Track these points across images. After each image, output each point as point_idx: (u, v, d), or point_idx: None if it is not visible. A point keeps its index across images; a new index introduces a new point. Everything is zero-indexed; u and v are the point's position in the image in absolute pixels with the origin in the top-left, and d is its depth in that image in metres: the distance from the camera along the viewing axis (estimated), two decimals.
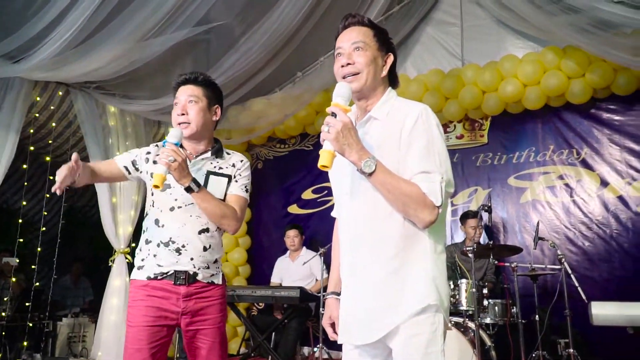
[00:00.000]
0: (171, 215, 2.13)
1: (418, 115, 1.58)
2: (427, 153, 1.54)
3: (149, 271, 2.11)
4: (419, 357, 1.52)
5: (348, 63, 1.65)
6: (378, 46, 1.69)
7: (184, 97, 2.20)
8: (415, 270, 1.56)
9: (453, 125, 5.31)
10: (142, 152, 2.23)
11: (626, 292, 4.22)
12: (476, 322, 3.56)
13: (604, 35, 4.05)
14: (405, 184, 1.53)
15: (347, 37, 1.68)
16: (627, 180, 4.57)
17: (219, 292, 2.19)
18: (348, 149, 1.51)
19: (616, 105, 4.68)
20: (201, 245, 2.13)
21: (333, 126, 1.49)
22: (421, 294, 1.54)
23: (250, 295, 4.79)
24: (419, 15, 5.52)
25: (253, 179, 6.82)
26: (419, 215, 1.52)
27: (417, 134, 1.56)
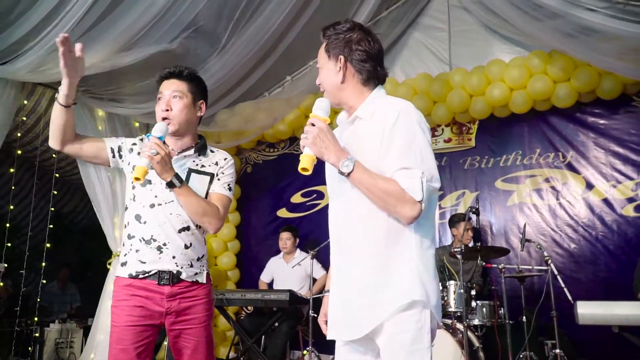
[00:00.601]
0: (152, 212, 2.10)
1: (399, 112, 1.60)
2: (408, 149, 1.57)
3: (131, 268, 2.08)
4: (404, 354, 1.53)
5: (319, 84, 1.79)
6: (328, 58, 1.75)
7: (169, 91, 2.17)
8: (401, 267, 1.58)
9: (441, 129, 5.36)
10: (128, 142, 2.20)
11: (611, 293, 4.27)
12: (464, 324, 3.59)
13: (588, 40, 4.12)
14: (383, 182, 1.55)
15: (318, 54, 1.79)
16: (612, 183, 4.64)
17: (204, 291, 2.16)
18: (326, 151, 1.58)
19: (601, 109, 4.75)
20: (182, 243, 2.10)
21: (310, 132, 1.59)
22: (406, 290, 1.55)
23: (239, 298, 4.77)
24: (407, 20, 5.57)
25: (242, 183, 6.79)
26: (400, 211, 1.54)
27: (397, 131, 1.58)
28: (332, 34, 1.75)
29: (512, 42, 5.08)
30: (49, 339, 5.49)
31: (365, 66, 1.72)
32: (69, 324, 5.75)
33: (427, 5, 5.58)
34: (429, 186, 1.54)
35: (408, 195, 1.52)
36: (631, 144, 4.62)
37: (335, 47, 1.73)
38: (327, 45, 1.75)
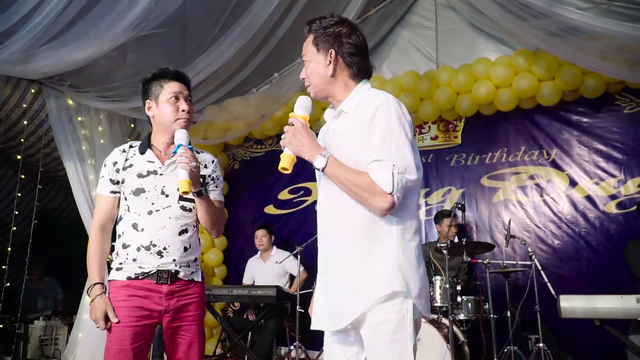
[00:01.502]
0: (150, 218, 2.10)
1: (378, 105, 1.61)
2: (382, 142, 1.58)
3: (129, 272, 2.08)
4: (386, 344, 1.55)
5: (303, 78, 1.81)
6: (315, 50, 1.74)
7: (184, 93, 2.17)
8: (382, 259, 1.60)
9: (428, 127, 5.40)
10: (111, 167, 2.17)
11: (593, 288, 4.33)
12: (450, 318, 3.63)
13: (572, 40, 4.17)
14: (354, 175, 1.59)
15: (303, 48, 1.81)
16: (595, 181, 4.71)
17: (199, 289, 2.19)
18: (303, 149, 1.65)
19: (584, 108, 4.82)
20: (182, 246, 2.13)
21: (287, 132, 1.67)
22: (386, 281, 1.57)
23: (227, 294, 4.78)
24: (395, 18, 5.61)
25: (229, 179, 6.81)
26: (372, 203, 1.57)
27: (375, 124, 1.60)
28: (319, 28, 1.74)
29: (498, 40, 5.14)
30: (33, 335, 5.44)
31: (355, 60, 1.74)
32: (53, 320, 5.70)
33: (414, 4, 5.62)
34: (401, 178, 1.55)
35: (378, 188, 1.54)
36: (614, 142, 4.69)
37: (324, 40, 1.73)
38: (315, 38, 1.74)
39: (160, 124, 2.18)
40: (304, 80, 1.80)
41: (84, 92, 4.85)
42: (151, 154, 2.17)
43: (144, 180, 2.12)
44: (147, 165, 2.15)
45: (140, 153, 2.18)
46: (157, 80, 2.19)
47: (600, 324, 2.85)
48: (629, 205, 4.55)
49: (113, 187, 2.16)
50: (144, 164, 2.15)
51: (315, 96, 1.78)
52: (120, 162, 2.16)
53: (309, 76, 1.77)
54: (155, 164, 2.16)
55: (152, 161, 2.16)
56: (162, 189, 2.12)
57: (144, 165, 2.15)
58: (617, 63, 4.23)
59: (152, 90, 2.19)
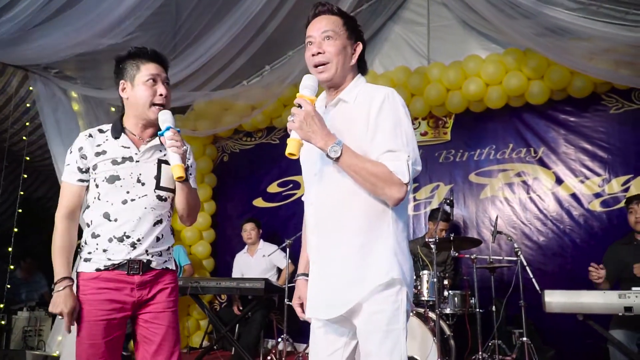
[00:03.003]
0: (124, 208, 1.99)
1: (384, 97, 1.63)
2: (394, 133, 1.59)
3: (98, 263, 1.98)
4: (381, 334, 1.57)
5: (318, 52, 1.69)
6: (347, 35, 1.72)
7: (162, 75, 2.06)
8: (380, 247, 1.62)
9: (418, 123, 5.43)
10: (77, 154, 2.03)
11: (577, 284, 4.40)
12: (437, 312, 3.67)
13: (560, 40, 4.21)
14: (371, 165, 1.57)
15: (318, 26, 1.71)
16: (580, 179, 4.79)
17: (172, 277, 2.11)
18: (313, 135, 1.56)
19: (572, 107, 4.89)
20: (155, 236, 2.04)
21: (297, 116, 1.56)
22: (384, 269, 1.59)
23: (214, 287, 4.76)
24: (387, 14, 5.61)
25: (218, 172, 6.79)
26: (388, 193, 1.57)
27: (384, 116, 1.61)
28: (347, 17, 1.75)
29: (489, 38, 5.18)
30: (16, 326, 5.38)
31: (363, 59, 1.79)
32: (37, 311, 5.65)
33: (407, 0, 5.63)
34: (413, 169, 1.58)
35: (396, 178, 1.55)
36: (599, 141, 4.77)
37: (354, 30, 1.74)
38: (346, 23, 1.73)
39: (135, 106, 2.03)
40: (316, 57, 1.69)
41: (71, 79, 4.80)
42: (126, 138, 2.04)
43: (118, 167, 1.99)
44: (122, 151, 2.02)
45: (113, 138, 2.03)
46: (133, 59, 2.05)
47: (583, 319, 2.90)
48: (612, 203, 4.63)
49: (80, 175, 2.02)
50: (118, 150, 2.01)
51: (326, 76, 1.69)
52: (88, 148, 2.01)
53: (330, 53, 1.68)
54: (130, 149, 2.03)
55: (127, 146, 2.03)
56: (139, 177, 2.01)
57: (118, 151, 2.01)
58: (605, 64, 4.29)
59: (128, 70, 2.04)
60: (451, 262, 4.74)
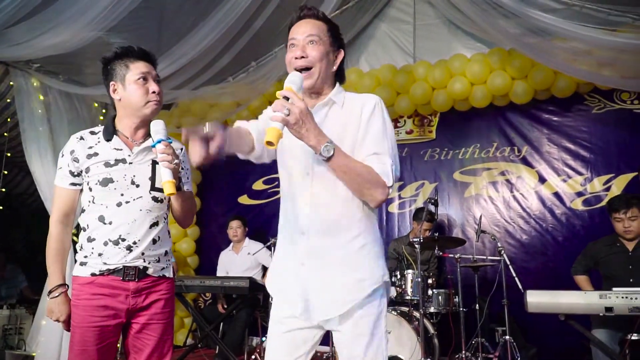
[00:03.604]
0: (119, 211, 1.97)
1: (375, 104, 1.70)
2: (381, 138, 1.66)
3: (93, 268, 1.96)
4: (367, 338, 1.61)
5: (302, 56, 1.68)
6: (331, 41, 1.73)
7: (152, 73, 2.03)
8: (375, 250, 1.69)
9: (403, 121, 5.45)
10: (69, 157, 2.01)
11: (559, 283, 4.47)
12: (421, 312, 3.69)
13: (542, 40, 4.24)
14: (360, 166, 1.61)
15: (302, 29, 1.71)
16: (563, 178, 4.84)
17: (169, 286, 2.08)
18: (307, 133, 1.52)
19: (555, 107, 4.94)
20: (151, 238, 2.01)
21: (293, 110, 1.47)
22: (379, 273, 1.68)
23: (199, 285, 4.73)
24: (373, 11, 5.62)
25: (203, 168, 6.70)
26: (373, 194, 1.61)
27: (374, 120, 1.67)
28: (331, 23, 1.76)
29: (474, 38, 5.20)
30: None
31: (342, 68, 1.82)
32: (18, 309, 5.56)
33: None
34: (395, 174, 1.64)
35: (381, 180, 1.60)
36: (582, 140, 4.83)
37: (338, 38, 1.78)
38: (331, 29, 1.74)
39: (128, 107, 2.01)
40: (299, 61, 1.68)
41: (53, 75, 4.71)
42: (118, 140, 2.02)
43: (111, 169, 1.97)
44: (115, 153, 2.00)
45: (105, 140, 2.01)
46: (121, 59, 2.02)
47: (565, 319, 2.94)
48: (594, 202, 4.70)
49: (73, 179, 2.01)
50: (110, 152, 2.00)
51: (312, 84, 1.69)
52: (79, 151, 1.99)
53: (314, 58, 1.68)
54: (123, 151, 2.01)
55: (120, 148, 2.01)
56: (132, 179, 1.99)
57: (111, 153, 1.99)
58: (587, 65, 4.33)
59: (117, 71, 2.01)
60: (435, 261, 4.77)
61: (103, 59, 2.07)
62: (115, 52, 2.04)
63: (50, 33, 3.75)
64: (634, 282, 3.23)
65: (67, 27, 3.71)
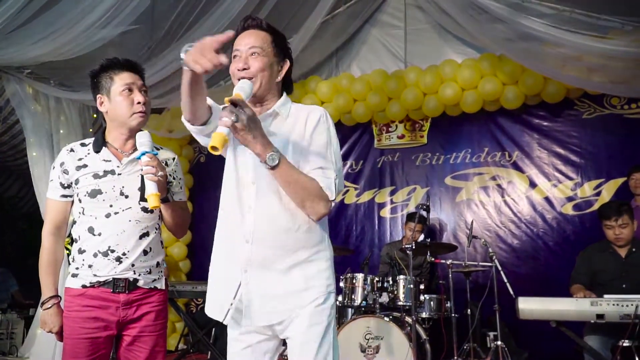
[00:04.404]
0: (107, 222, 1.97)
1: (320, 116, 1.72)
2: (325, 151, 1.68)
3: (84, 279, 1.96)
4: (316, 345, 1.62)
5: (244, 68, 1.68)
6: (275, 52, 1.72)
7: (137, 83, 2.02)
8: (320, 261, 1.69)
9: (395, 125, 5.47)
10: (59, 170, 2.01)
11: (550, 287, 4.53)
12: (413, 318, 3.70)
13: (531, 46, 4.25)
14: (305, 178, 1.62)
15: (246, 40, 1.71)
16: (553, 183, 4.88)
17: (161, 297, 2.06)
18: (254, 140, 1.51)
19: (545, 112, 4.97)
20: (141, 249, 2.00)
21: (241, 117, 1.46)
22: (325, 283, 1.68)
23: (191, 291, 4.73)
24: (364, 16, 5.62)
25: (195, 172, 6.71)
26: (315, 207, 1.63)
27: (317, 133, 1.69)
28: (276, 33, 1.75)
29: (464, 43, 5.22)
30: None
31: (289, 78, 1.82)
32: (9, 314, 5.53)
33: (384, 2, 5.64)
34: (338, 189, 1.66)
35: (325, 193, 1.63)
36: (572, 145, 4.87)
37: (283, 48, 1.76)
38: (275, 40, 1.73)
39: (115, 119, 2.01)
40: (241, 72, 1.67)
41: (44, 80, 4.69)
42: (107, 152, 2.02)
43: (100, 181, 1.97)
44: (104, 165, 2.00)
45: (94, 151, 2.02)
46: (105, 72, 2.01)
47: (557, 326, 2.96)
48: (584, 207, 4.74)
49: (63, 191, 2.02)
50: (99, 164, 2.00)
51: (254, 92, 1.66)
52: (69, 163, 2.00)
53: (256, 69, 1.67)
54: (112, 162, 2.01)
55: (109, 160, 2.01)
56: (121, 190, 1.99)
57: (99, 165, 2.00)
58: (577, 71, 4.36)
59: (102, 84, 2.01)
60: (427, 266, 4.78)
61: (90, 72, 2.07)
62: (100, 64, 2.04)
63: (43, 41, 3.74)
64: (626, 289, 3.26)
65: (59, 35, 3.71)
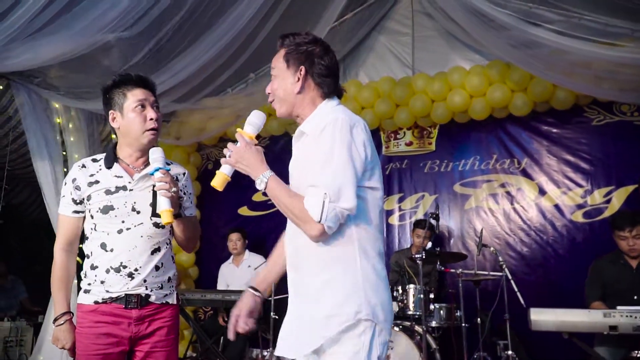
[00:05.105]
0: (119, 237, 1.98)
1: (325, 126, 1.57)
2: (322, 167, 1.53)
3: (96, 295, 1.97)
4: None
5: (268, 92, 1.76)
6: (286, 66, 1.70)
7: (150, 99, 2.04)
8: (346, 284, 1.55)
9: (403, 132, 5.46)
10: (71, 186, 2.02)
11: (560, 295, 4.51)
12: (423, 327, 3.69)
13: (539, 53, 4.22)
14: (289, 199, 1.56)
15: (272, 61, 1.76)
16: (563, 190, 4.85)
17: (173, 312, 2.07)
18: (247, 169, 1.62)
19: (554, 119, 4.94)
20: (153, 265, 2.01)
21: (233, 151, 1.63)
22: (352, 310, 1.52)
23: (200, 299, 4.74)
24: (372, 23, 5.61)
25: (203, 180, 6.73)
26: (303, 229, 1.54)
27: (319, 146, 1.57)
28: (292, 44, 1.71)
29: (472, 50, 5.21)
30: None
31: (327, 80, 1.71)
32: (19, 321, 5.55)
33: (391, 9, 5.64)
34: (334, 207, 1.48)
35: (308, 215, 1.50)
36: (581, 152, 4.84)
37: (296, 57, 1.70)
38: (286, 54, 1.70)
39: (128, 135, 2.02)
40: (268, 95, 1.75)
41: (53, 89, 4.71)
42: (119, 168, 2.03)
43: (112, 197, 1.98)
44: (115, 181, 2.01)
45: (106, 167, 2.03)
46: (118, 88, 2.03)
47: (569, 337, 2.94)
48: (594, 214, 4.70)
49: (75, 206, 2.03)
50: (111, 180, 2.01)
51: (280, 112, 1.72)
52: (81, 178, 2.01)
53: (274, 91, 1.72)
54: (124, 178, 2.01)
55: (121, 176, 2.02)
56: (133, 206, 1.99)
57: (111, 181, 2.00)
58: (586, 78, 4.33)
59: (115, 100, 2.02)
60: (436, 274, 4.76)
61: (103, 88, 2.09)
62: (113, 80, 2.06)
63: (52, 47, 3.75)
64: (638, 300, 3.23)
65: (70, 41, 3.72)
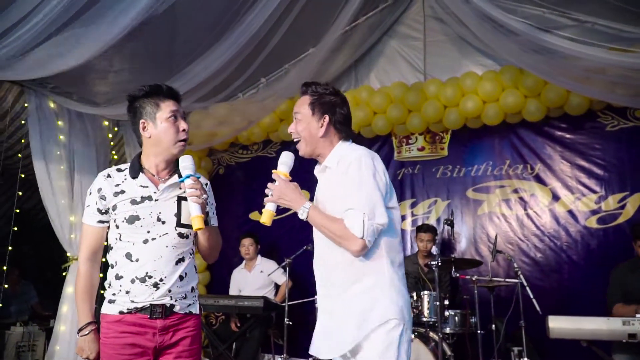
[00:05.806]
0: (145, 247, 1.99)
1: (351, 161, 1.92)
2: (354, 193, 1.86)
3: (121, 306, 1.98)
4: None
5: (291, 131, 2.08)
6: (311, 113, 2.03)
7: (180, 111, 2.09)
8: (376, 293, 1.86)
9: (415, 138, 5.45)
10: (97, 195, 2.04)
11: (574, 301, 4.48)
12: (439, 334, 3.67)
13: (552, 58, 4.19)
14: (331, 223, 1.88)
15: (295, 105, 2.08)
16: (577, 196, 4.82)
17: (196, 322, 2.08)
18: (289, 203, 1.94)
19: (568, 124, 4.91)
20: (178, 275, 2.02)
21: (275, 190, 1.95)
22: (381, 313, 1.82)
23: (213, 304, 4.74)
24: (384, 28, 5.62)
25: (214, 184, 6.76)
26: (346, 246, 1.85)
27: (348, 177, 1.90)
28: (316, 93, 2.04)
29: (485, 55, 5.19)
30: (9, 342, 5.30)
31: (344, 127, 2.06)
32: (31, 326, 5.57)
33: (403, 14, 5.64)
34: (371, 224, 1.81)
35: (350, 233, 1.81)
36: (595, 158, 4.80)
37: (320, 106, 2.03)
38: (312, 102, 2.03)
39: (158, 145, 2.05)
40: (292, 134, 2.07)
41: (67, 95, 4.74)
42: (144, 178, 2.04)
43: (138, 207, 1.99)
44: (141, 191, 2.02)
45: (131, 177, 2.04)
46: (150, 97, 2.06)
47: (587, 345, 2.92)
48: (609, 220, 4.67)
49: (101, 216, 2.04)
50: (137, 190, 2.02)
51: (303, 151, 2.05)
52: (107, 188, 2.02)
53: (300, 132, 2.04)
54: (149, 188, 2.03)
55: (146, 186, 2.03)
56: (158, 216, 2.00)
57: (137, 191, 2.02)
58: (600, 84, 4.31)
59: (147, 109, 2.05)
60: (448, 280, 4.74)
61: (129, 96, 2.11)
62: (144, 90, 2.07)
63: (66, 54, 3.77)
64: None
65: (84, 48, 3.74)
